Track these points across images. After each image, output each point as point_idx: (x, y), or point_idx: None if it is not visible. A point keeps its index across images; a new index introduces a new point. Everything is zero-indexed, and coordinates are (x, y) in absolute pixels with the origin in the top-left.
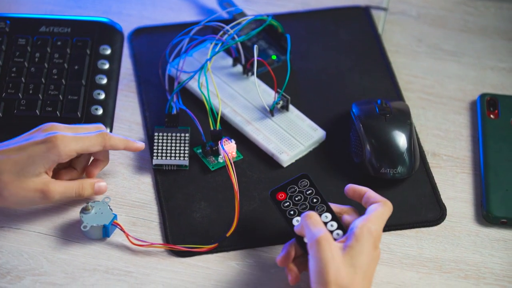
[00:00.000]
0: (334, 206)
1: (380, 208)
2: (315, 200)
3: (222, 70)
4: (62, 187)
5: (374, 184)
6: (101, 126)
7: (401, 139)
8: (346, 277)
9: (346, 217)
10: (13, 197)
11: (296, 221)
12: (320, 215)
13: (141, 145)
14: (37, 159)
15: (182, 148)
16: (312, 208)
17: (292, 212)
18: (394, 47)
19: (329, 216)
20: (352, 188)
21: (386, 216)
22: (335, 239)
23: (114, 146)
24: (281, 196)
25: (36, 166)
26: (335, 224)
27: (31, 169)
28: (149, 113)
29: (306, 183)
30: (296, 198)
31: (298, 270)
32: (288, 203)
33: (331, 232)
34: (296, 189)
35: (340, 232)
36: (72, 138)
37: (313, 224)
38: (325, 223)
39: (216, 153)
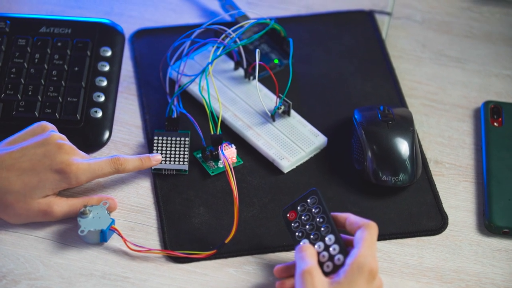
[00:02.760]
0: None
1: (366, 235)
2: (321, 220)
3: (224, 74)
4: (66, 207)
5: (375, 192)
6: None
7: (403, 147)
8: None
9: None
10: (16, 216)
11: (302, 243)
12: (324, 237)
13: (157, 160)
14: (47, 185)
15: (182, 152)
16: (318, 229)
17: (300, 234)
18: (398, 52)
19: (332, 238)
20: (333, 216)
21: (374, 238)
22: (336, 264)
23: (128, 171)
24: (291, 215)
25: (45, 190)
26: (337, 248)
27: (39, 192)
28: (149, 116)
29: (315, 200)
30: (304, 218)
31: None
32: (297, 224)
33: (333, 256)
34: (305, 207)
35: (341, 257)
36: (86, 168)
37: (304, 257)
38: (328, 246)
39: (216, 158)
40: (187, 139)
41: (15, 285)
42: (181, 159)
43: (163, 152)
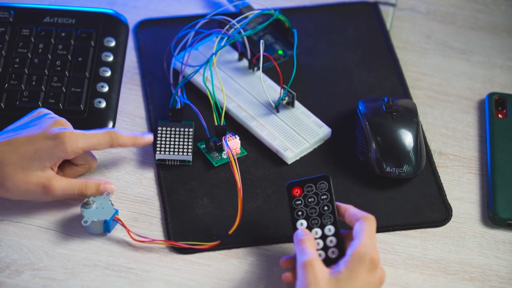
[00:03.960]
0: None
1: (365, 226)
2: (325, 208)
3: (228, 65)
4: (64, 184)
5: (379, 183)
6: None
7: (407, 138)
8: None
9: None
10: (15, 189)
11: (300, 224)
12: (325, 226)
13: (149, 139)
14: (44, 154)
15: (185, 143)
16: (320, 216)
17: (300, 213)
18: (402, 43)
19: (332, 230)
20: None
21: (374, 230)
22: (330, 258)
23: (122, 144)
24: (296, 192)
25: (42, 160)
26: (334, 240)
27: (36, 163)
28: (153, 107)
29: (325, 186)
30: (310, 200)
31: (294, 281)
32: (299, 202)
33: (328, 248)
34: (313, 189)
35: (336, 251)
36: (80, 135)
37: (304, 249)
38: (326, 236)
39: (220, 149)
40: (191, 129)
41: (19, 275)
42: (185, 150)
43: (167, 142)
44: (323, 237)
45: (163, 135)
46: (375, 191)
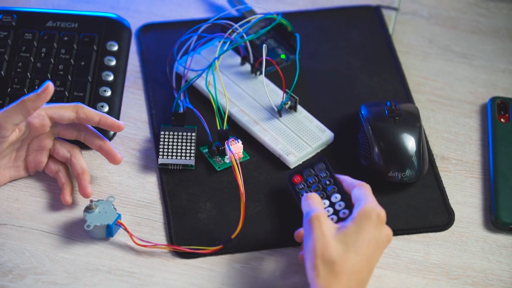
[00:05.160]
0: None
1: (364, 190)
2: (327, 182)
3: (230, 69)
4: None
5: (382, 187)
6: None
7: (410, 142)
8: (333, 253)
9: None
10: None
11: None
12: (330, 196)
13: (119, 124)
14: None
15: (188, 147)
16: (324, 190)
17: (304, 193)
18: (404, 47)
19: (338, 197)
20: None
21: (371, 193)
22: (341, 218)
23: (89, 115)
24: (297, 179)
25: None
26: (342, 204)
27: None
28: (156, 111)
29: (322, 167)
30: (311, 181)
31: None
32: (302, 186)
33: (338, 211)
34: (312, 172)
35: (347, 211)
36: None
37: (309, 204)
38: (334, 203)
39: (223, 153)
40: (193, 134)
41: (21, 280)
42: (188, 154)
43: (170, 147)
44: (331, 204)
45: (166, 140)
46: (377, 195)
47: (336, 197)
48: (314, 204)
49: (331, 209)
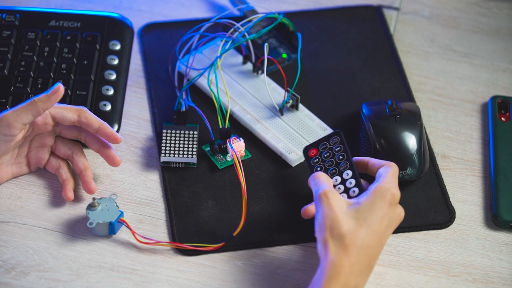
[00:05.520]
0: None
1: (390, 170)
2: (341, 157)
3: (232, 68)
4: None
5: None
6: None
7: (411, 141)
8: (343, 227)
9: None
10: None
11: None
12: (343, 172)
13: (116, 136)
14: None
15: (190, 145)
16: (336, 165)
17: (318, 168)
18: (405, 47)
19: (350, 173)
20: (354, 161)
21: (396, 174)
22: (351, 196)
23: (90, 120)
24: (312, 152)
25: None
26: (353, 182)
27: None
28: (158, 109)
29: (337, 140)
30: (326, 155)
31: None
32: (317, 160)
33: (349, 189)
34: (326, 146)
35: (356, 190)
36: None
37: (318, 182)
38: (345, 180)
39: (225, 152)
40: (195, 132)
41: (24, 277)
42: (190, 153)
43: (172, 145)
44: (342, 181)
45: (168, 138)
46: None
47: (348, 173)
48: (322, 181)
49: (342, 187)
